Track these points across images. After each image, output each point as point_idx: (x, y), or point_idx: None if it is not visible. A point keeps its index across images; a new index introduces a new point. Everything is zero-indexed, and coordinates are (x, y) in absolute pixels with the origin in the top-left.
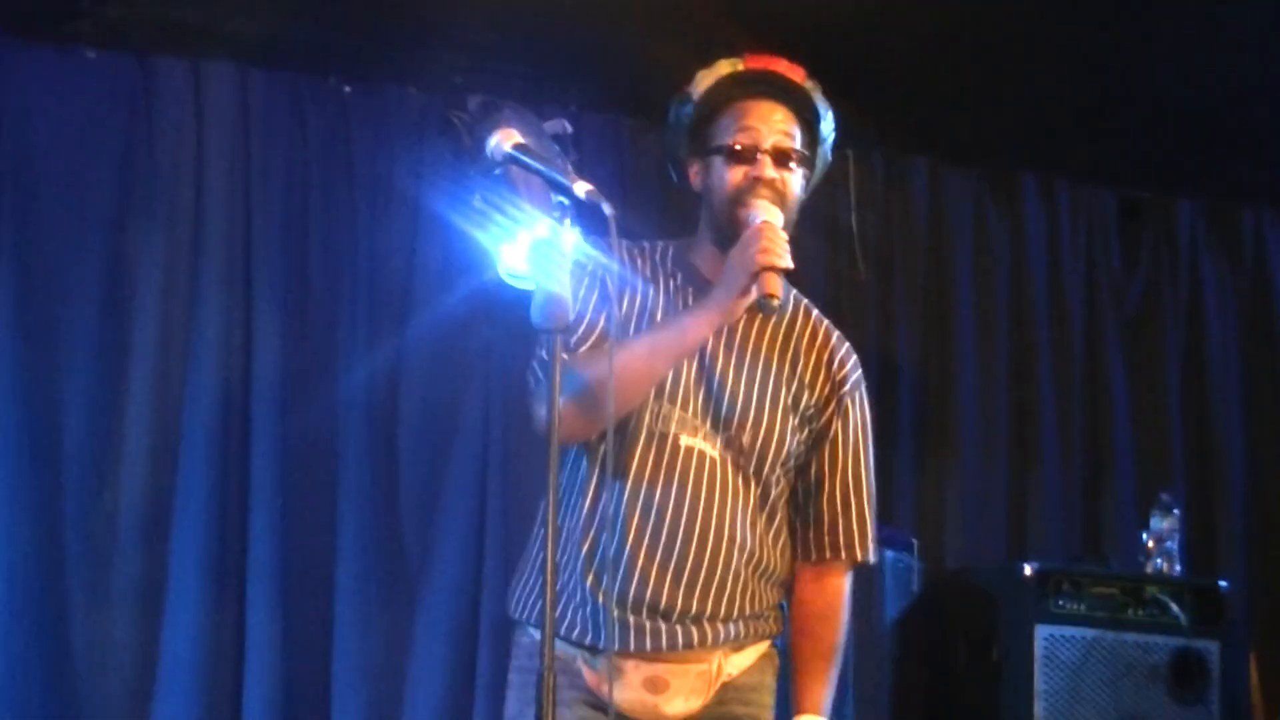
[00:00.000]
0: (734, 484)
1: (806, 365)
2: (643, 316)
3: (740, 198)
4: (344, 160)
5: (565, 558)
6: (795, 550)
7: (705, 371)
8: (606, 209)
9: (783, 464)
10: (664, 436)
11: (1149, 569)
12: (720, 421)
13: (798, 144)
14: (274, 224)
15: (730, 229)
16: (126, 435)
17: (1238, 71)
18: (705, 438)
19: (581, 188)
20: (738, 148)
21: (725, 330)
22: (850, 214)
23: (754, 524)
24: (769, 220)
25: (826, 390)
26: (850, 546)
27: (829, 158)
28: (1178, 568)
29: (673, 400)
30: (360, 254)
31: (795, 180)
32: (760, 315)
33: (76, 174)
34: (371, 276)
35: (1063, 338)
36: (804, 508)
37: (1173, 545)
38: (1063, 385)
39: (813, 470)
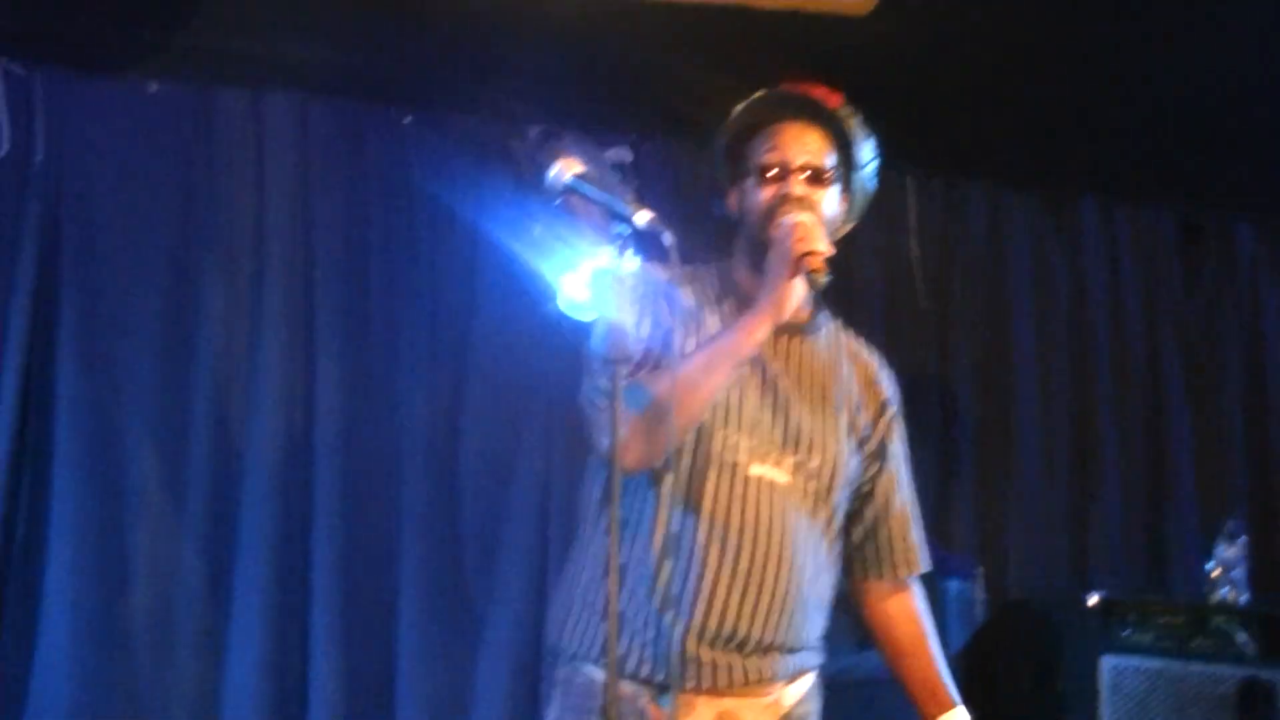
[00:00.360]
0: (804, 510)
1: (855, 386)
2: (698, 338)
3: (771, 215)
4: (404, 190)
5: (629, 591)
6: (862, 571)
7: (770, 399)
8: (667, 238)
9: (847, 486)
10: (734, 465)
11: (1214, 598)
12: (788, 447)
13: (829, 163)
14: (335, 254)
15: (763, 247)
16: (189, 469)
17: None
18: (774, 464)
19: (642, 216)
20: (769, 166)
21: (782, 356)
22: (909, 241)
23: (821, 550)
24: (801, 219)
25: (875, 409)
26: (922, 560)
27: (869, 185)
28: (1244, 596)
29: (739, 428)
30: (421, 284)
31: (828, 198)
32: (810, 339)
33: (138, 207)
34: (432, 306)
35: (1123, 363)
36: (870, 528)
37: (1239, 574)
38: (1124, 412)
39: (877, 491)
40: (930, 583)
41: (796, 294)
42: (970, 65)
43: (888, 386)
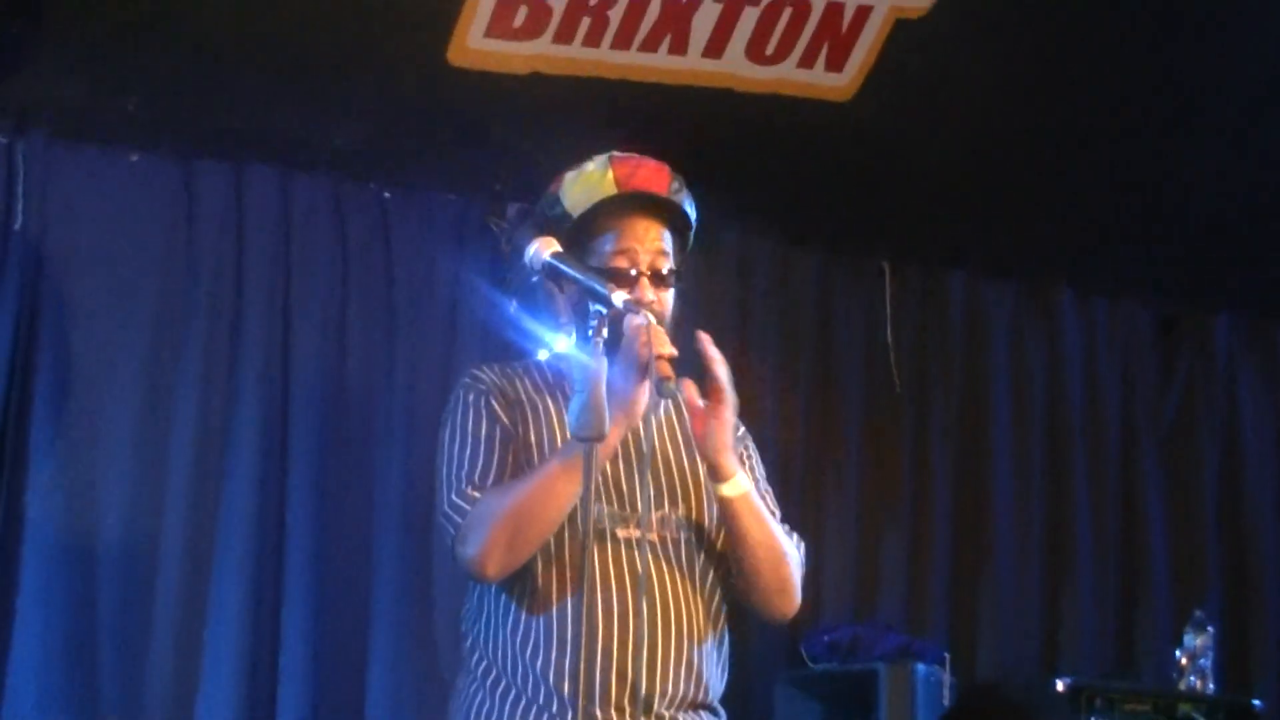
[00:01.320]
0: (677, 564)
1: None
2: (542, 434)
3: (620, 317)
4: (383, 264)
5: (522, 673)
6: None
7: (627, 462)
8: (642, 318)
9: (715, 530)
10: (601, 534)
11: (1182, 686)
12: (657, 502)
13: (672, 260)
14: (313, 326)
15: (620, 341)
16: (163, 535)
17: (1273, 189)
18: (640, 525)
19: (619, 296)
20: (617, 270)
21: (642, 422)
22: (886, 326)
23: (706, 595)
24: (644, 320)
25: None
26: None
27: (691, 243)
28: (1211, 685)
29: (600, 498)
30: (398, 358)
31: (670, 297)
32: (662, 400)
33: (118, 275)
34: (410, 380)
35: (1098, 452)
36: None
37: (1206, 662)
38: (1098, 500)
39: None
40: (898, 666)
41: (645, 399)
42: (950, 154)
43: (739, 428)
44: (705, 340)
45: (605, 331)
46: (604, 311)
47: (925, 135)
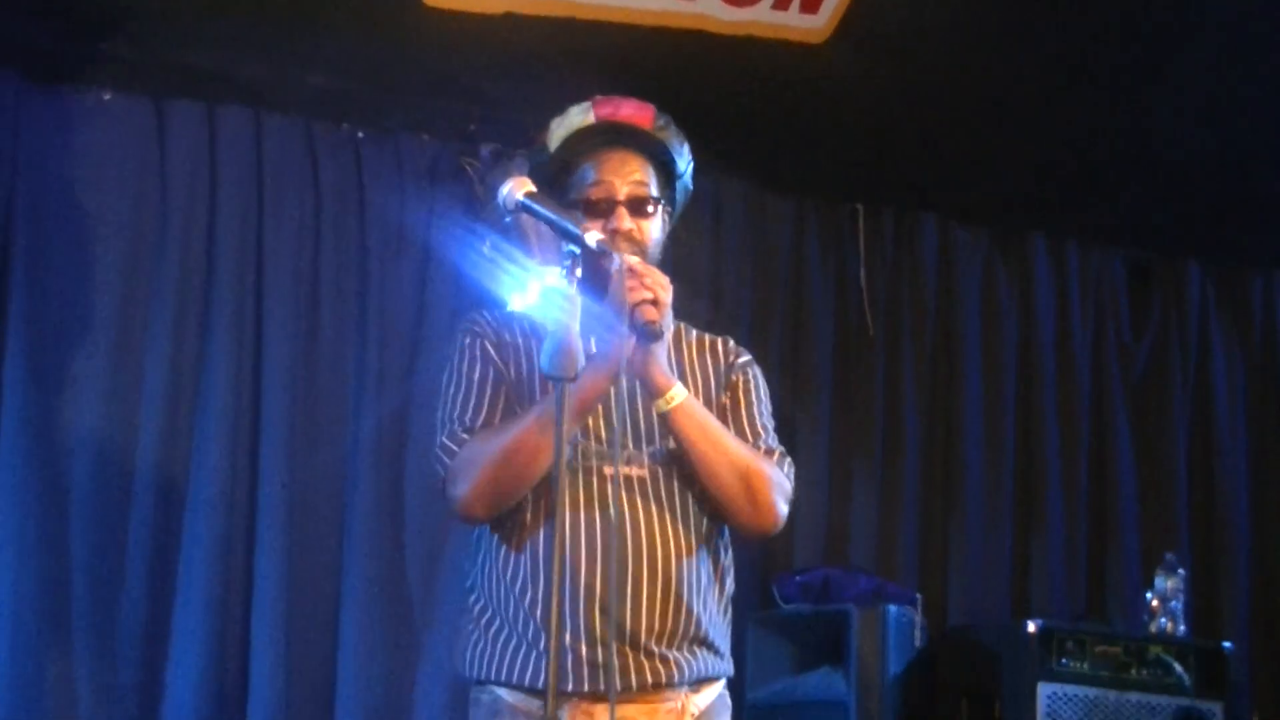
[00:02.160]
0: (669, 496)
1: (704, 366)
2: (535, 378)
3: (602, 251)
4: (356, 205)
5: (512, 609)
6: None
7: (615, 399)
8: (617, 258)
9: None
10: (588, 471)
11: (1153, 629)
12: (642, 439)
13: (652, 189)
14: (285, 267)
15: (595, 279)
16: (135, 478)
17: (1249, 136)
18: (629, 461)
19: (592, 237)
20: (594, 201)
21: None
22: (859, 269)
23: (696, 533)
24: (630, 261)
25: (724, 371)
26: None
27: (690, 187)
28: (1182, 628)
29: (586, 435)
30: (370, 299)
31: (652, 226)
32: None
33: (90, 215)
34: (381, 321)
35: (1070, 397)
36: None
37: (1177, 606)
38: (1069, 445)
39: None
40: (870, 608)
41: (631, 345)
42: (923, 98)
43: (737, 353)
44: (628, 262)
45: (579, 271)
46: (576, 252)
47: (900, 79)
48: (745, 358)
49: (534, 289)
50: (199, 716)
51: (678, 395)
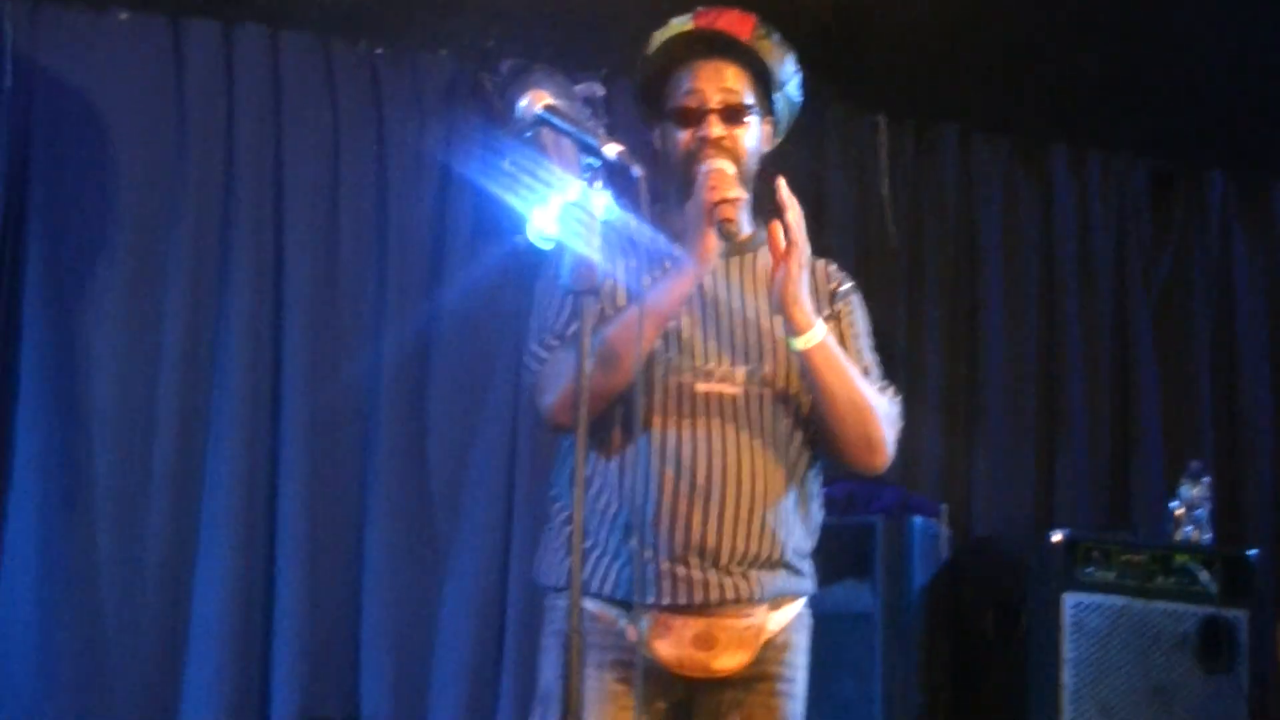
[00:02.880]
0: (760, 420)
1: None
2: (631, 287)
3: (691, 158)
4: (374, 123)
5: (597, 521)
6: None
7: (711, 316)
8: (636, 171)
9: (799, 388)
10: (680, 387)
11: (1178, 537)
12: (737, 360)
13: (747, 99)
14: (304, 186)
15: (686, 189)
16: (157, 399)
17: (1271, 44)
18: (722, 379)
19: (612, 149)
20: (685, 109)
21: (721, 273)
22: (881, 180)
23: (787, 456)
24: (716, 166)
25: (825, 300)
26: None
27: (796, 101)
28: (1207, 536)
29: (680, 350)
30: (390, 217)
31: (748, 134)
32: (750, 255)
33: (107, 136)
34: (401, 240)
35: (1092, 308)
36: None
37: (1202, 514)
38: (1092, 354)
39: None
40: (895, 519)
41: (717, 243)
42: (944, 7)
43: (837, 277)
44: (781, 187)
45: (599, 184)
46: (596, 165)
47: None
48: (847, 285)
49: (554, 203)
50: (224, 642)
51: (816, 335)
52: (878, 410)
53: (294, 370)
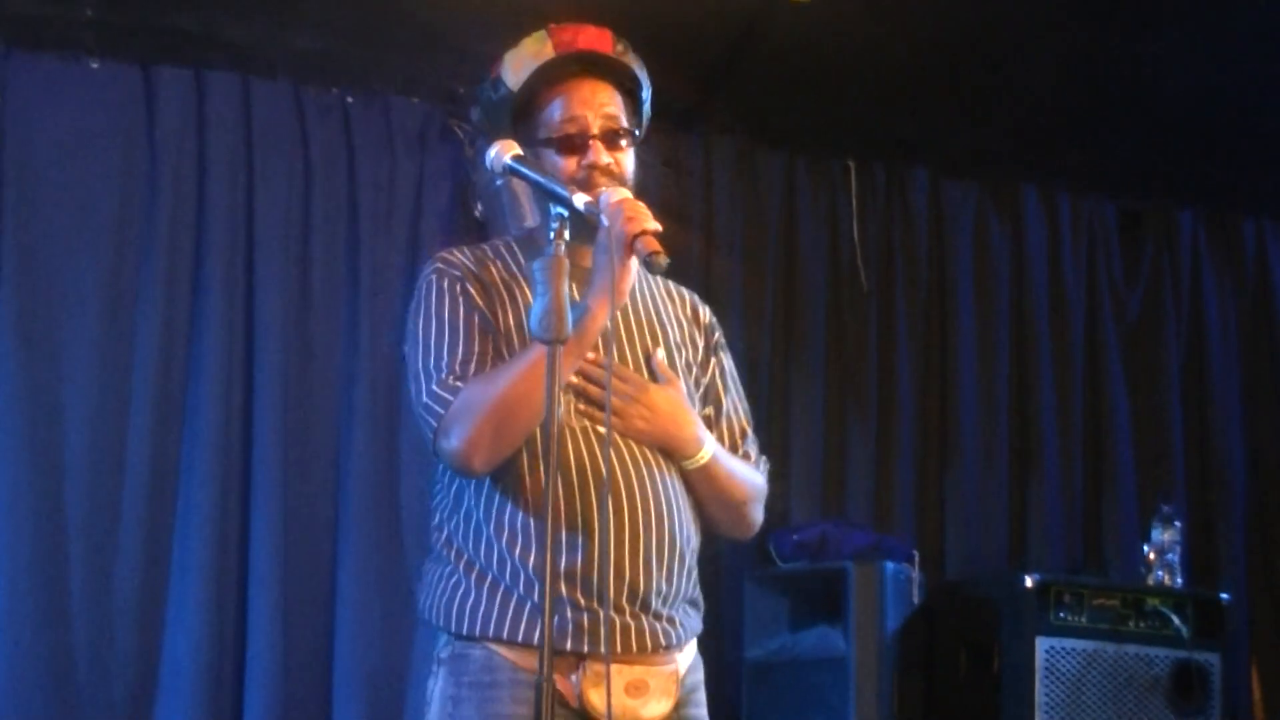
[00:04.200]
0: (661, 459)
1: (681, 326)
2: (522, 319)
3: (578, 187)
4: (345, 170)
5: (510, 567)
6: None
7: (605, 357)
8: (605, 220)
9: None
10: (584, 430)
11: (1150, 581)
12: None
13: (624, 120)
14: (275, 233)
15: (576, 218)
16: (128, 442)
17: (1238, 82)
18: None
19: (580, 198)
20: (566, 136)
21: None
22: (852, 224)
23: (682, 493)
24: (625, 196)
25: (701, 342)
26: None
27: (649, 114)
28: (1179, 579)
29: (581, 390)
30: (362, 263)
31: (627, 159)
32: (630, 294)
33: (79, 184)
34: (373, 285)
35: (1064, 348)
36: None
37: (1174, 557)
38: (1064, 395)
39: (713, 420)
40: (867, 564)
41: (632, 276)
42: (912, 52)
43: (708, 313)
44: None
45: (567, 234)
46: (564, 214)
47: (887, 34)
48: (719, 333)
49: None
50: (197, 682)
51: (706, 455)
52: (755, 498)
53: (266, 414)
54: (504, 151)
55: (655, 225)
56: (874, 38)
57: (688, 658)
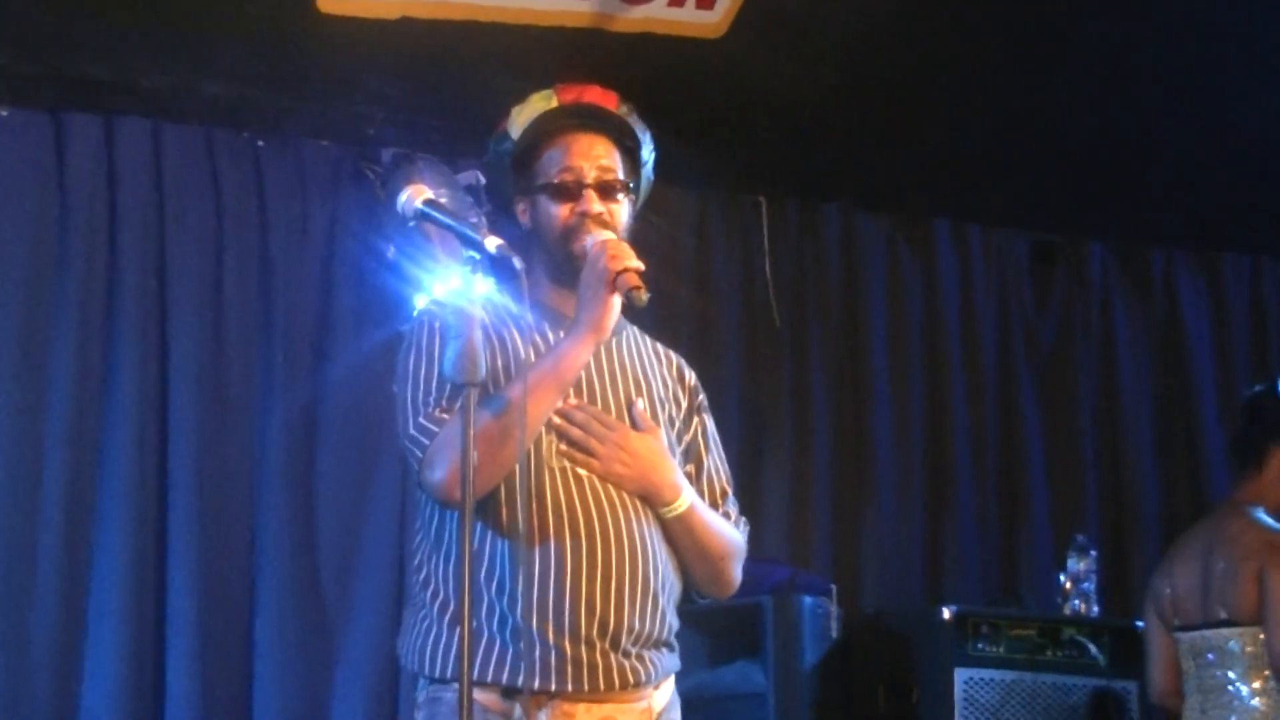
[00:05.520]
0: (637, 503)
1: (665, 380)
2: (510, 363)
3: (571, 234)
4: (258, 213)
5: (484, 605)
6: None
7: (587, 399)
8: (516, 263)
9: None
10: (563, 470)
11: (1066, 610)
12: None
13: (620, 174)
14: (189, 277)
15: (566, 264)
16: (42, 490)
17: (1143, 116)
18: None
19: (492, 242)
20: (562, 184)
21: (593, 361)
22: (764, 260)
23: (659, 538)
24: (609, 237)
25: (685, 402)
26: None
27: (651, 177)
28: (1094, 609)
29: (561, 431)
30: (275, 306)
31: (622, 211)
32: (615, 339)
33: None
34: (287, 328)
35: (977, 379)
36: None
37: (1089, 586)
38: (977, 428)
39: (695, 478)
40: (785, 599)
41: (615, 313)
42: (821, 88)
43: (693, 377)
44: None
45: (480, 276)
46: (476, 257)
47: (797, 70)
48: (702, 395)
49: (438, 291)
50: None
51: (684, 503)
52: (734, 555)
53: (181, 460)
54: (415, 196)
55: (637, 264)
56: (784, 73)
57: (664, 695)
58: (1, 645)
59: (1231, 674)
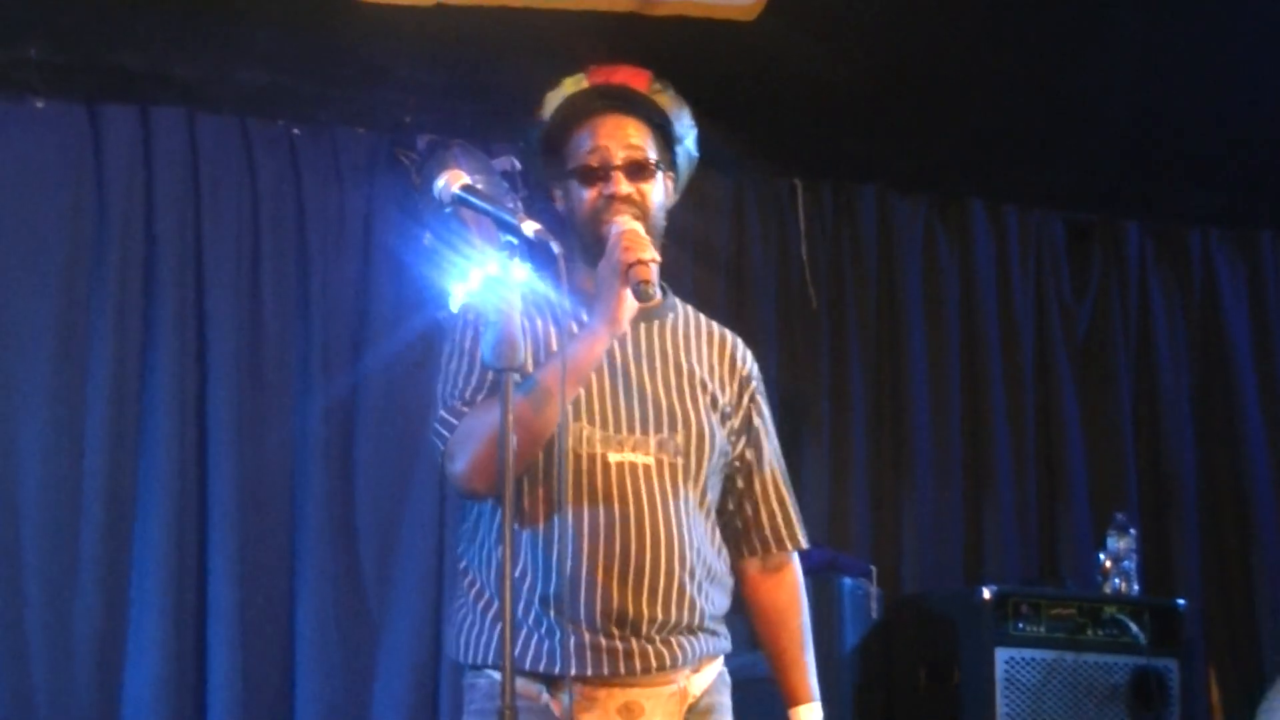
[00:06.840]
0: (672, 489)
1: (713, 365)
2: (538, 349)
3: (598, 217)
4: (294, 202)
5: (516, 593)
6: (738, 549)
7: (620, 385)
8: (554, 248)
9: (714, 462)
10: (591, 458)
11: (1106, 589)
12: (647, 429)
13: (651, 153)
14: (225, 267)
15: (595, 248)
16: (83, 482)
17: (1180, 93)
18: (635, 448)
19: (529, 227)
20: (590, 167)
21: (630, 341)
22: (800, 243)
23: (699, 524)
24: (628, 227)
25: (735, 387)
26: (793, 536)
27: (694, 153)
28: (1135, 587)
29: (591, 421)
30: (313, 294)
31: (654, 189)
32: (658, 322)
33: (27, 223)
34: (324, 316)
35: (1014, 362)
36: (741, 504)
37: (1129, 565)
38: (1015, 409)
39: (742, 466)
40: (825, 581)
41: (630, 305)
42: (856, 69)
43: (748, 362)
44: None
45: (517, 259)
46: (514, 242)
47: (831, 52)
48: (756, 382)
49: (475, 278)
50: (157, 717)
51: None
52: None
53: (220, 448)
54: (451, 181)
55: (653, 255)
56: (818, 55)
57: (705, 678)
58: (44, 636)
59: None
